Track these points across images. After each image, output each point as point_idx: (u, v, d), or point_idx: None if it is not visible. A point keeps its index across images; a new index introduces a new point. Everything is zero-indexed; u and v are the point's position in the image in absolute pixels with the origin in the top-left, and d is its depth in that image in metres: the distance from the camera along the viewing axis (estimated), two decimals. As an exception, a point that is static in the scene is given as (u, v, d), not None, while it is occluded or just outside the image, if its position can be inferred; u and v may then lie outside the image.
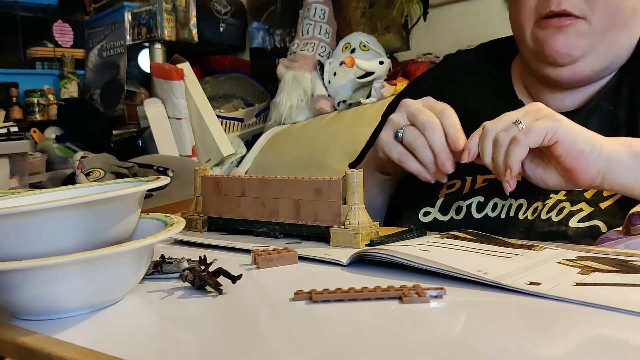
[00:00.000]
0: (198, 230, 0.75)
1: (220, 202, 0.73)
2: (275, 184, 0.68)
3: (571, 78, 0.79)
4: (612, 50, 0.78)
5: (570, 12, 0.75)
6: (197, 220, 0.75)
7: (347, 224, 0.61)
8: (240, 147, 2.30)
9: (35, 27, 2.75)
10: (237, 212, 0.72)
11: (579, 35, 0.76)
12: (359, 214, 0.61)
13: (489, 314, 0.43)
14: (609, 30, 0.76)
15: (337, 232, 0.62)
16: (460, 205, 0.79)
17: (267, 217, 0.69)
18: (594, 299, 0.43)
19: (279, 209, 0.68)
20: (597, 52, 0.77)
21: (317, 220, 0.65)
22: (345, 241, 0.61)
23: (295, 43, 2.30)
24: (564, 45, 0.76)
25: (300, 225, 0.66)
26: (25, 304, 0.44)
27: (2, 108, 2.51)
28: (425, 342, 0.38)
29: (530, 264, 0.53)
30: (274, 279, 0.54)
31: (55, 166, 2.27)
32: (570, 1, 0.75)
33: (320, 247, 0.63)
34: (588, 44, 0.76)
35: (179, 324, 0.43)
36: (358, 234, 0.60)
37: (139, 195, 0.50)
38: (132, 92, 2.54)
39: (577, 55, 0.77)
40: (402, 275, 0.52)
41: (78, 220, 0.44)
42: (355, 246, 0.60)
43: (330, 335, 0.40)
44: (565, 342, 0.37)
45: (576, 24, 0.76)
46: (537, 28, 0.79)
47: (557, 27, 0.76)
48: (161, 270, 0.55)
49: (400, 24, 2.16)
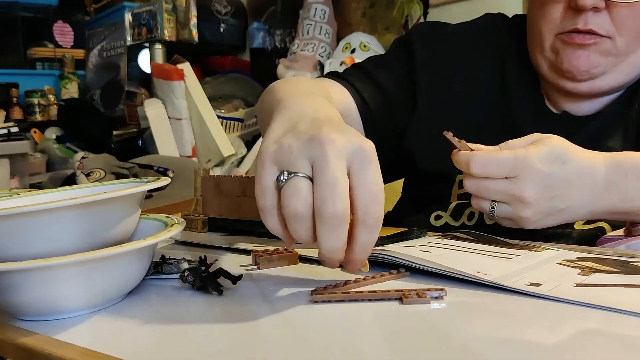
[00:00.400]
0: (198, 230, 0.75)
1: (221, 202, 0.73)
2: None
3: (588, 92, 0.77)
4: (635, 67, 0.76)
5: (597, 32, 0.73)
6: (198, 220, 0.75)
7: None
8: (241, 148, 2.30)
9: (35, 27, 2.75)
10: (238, 212, 0.72)
11: (602, 54, 0.74)
12: None
13: (489, 314, 0.43)
14: (633, 49, 0.74)
15: None
16: (473, 212, 0.78)
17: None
18: (594, 300, 0.43)
19: None
20: (618, 69, 0.75)
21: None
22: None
23: (296, 43, 2.30)
24: (585, 63, 0.74)
25: None
26: (25, 304, 0.44)
27: (3, 108, 2.52)
28: (426, 343, 0.38)
29: (530, 265, 0.53)
30: (274, 280, 0.54)
31: (55, 167, 2.27)
32: (597, 21, 0.72)
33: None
34: (610, 63, 0.74)
35: (180, 324, 0.43)
36: None
37: (140, 196, 0.50)
38: (132, 92, 2.55)
39: (598, 73, 0.75)
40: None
41: (78, 221, 0.44)
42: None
43: (330, 336, 0.40)
44: (565, 344, 0.37)
45: (600, 44, 0.73)
46: (558, 41, 0.76)
47: (580, 44, 0.74)
48: (161, 271, 0.55)
49: (400, 24, 2.16)
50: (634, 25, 0.73)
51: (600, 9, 0.72)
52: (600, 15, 0.72)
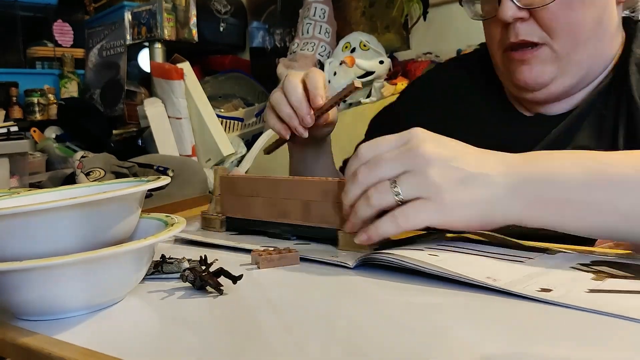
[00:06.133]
0: (217, 230, 0.75)
1: (236, 202, 0.73)
2: (285, 184, 0.67)
3: (546, 99, 0.79)
4: (584, 65, 0.76)
5: (530, 40, 0.74)
6: (216, 220, 0.75)
7: None
8: (241, 147, 2.30)
9: (35, 26, 2.75)
10: (251, 212, 0.72)
11: (544, 63, 0.75)
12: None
13: (498, 319, 0.42)
14: (574, 49, 0.75)
15: (345, 235, 0.60)
16: None
17: (278, 218, 0.68)
18: (606, 307, 0.41)
19: (289, 210, 0.67)
20: (567, 71, 0.76)
21: (325, 222, 0.63)
22: (353, 245, 0.59)
23: (296, 43, 2.30)
24: (530, 76, 0.76)
25: (310, 227, 0.65)
26: (25, 304, 0.44)
27: (2, 108, 2.51)
28: (430, 345, 0.38)
29: (542, 269, 0.51)
30: (274, 280, 0.54)
31: (55, 166, 2.27)
32: (526, 30, 0.74)
33: (328, 249, 0.62)
34: (555, 68, 0.75)
35: (180, 324, 0.43)
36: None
37: (140, 195, 0.50)
38: (132, 91, 2.54)
39: (547, 81, 0.76)
40: (410, 279, 0.51)
41: (79, 221, 0.44)
42: (363, 250, 0.59)
43: (331, 336, 0.40)
44: (576, 353, 0.36)
45: (539, 54, 0.75)
46: (505, 58, 0.78)
47: (520, 60, 0.76)
48: (162, 271, 0.55)
49: (400, 24, 2.16)
50: (562, 25, 0.73)
51: (526, 18, 0.74)
52: (528, 24, 0.74)
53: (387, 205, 0.54)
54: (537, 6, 0.73)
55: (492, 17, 0.77)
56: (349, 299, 0.48)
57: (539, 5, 0.73)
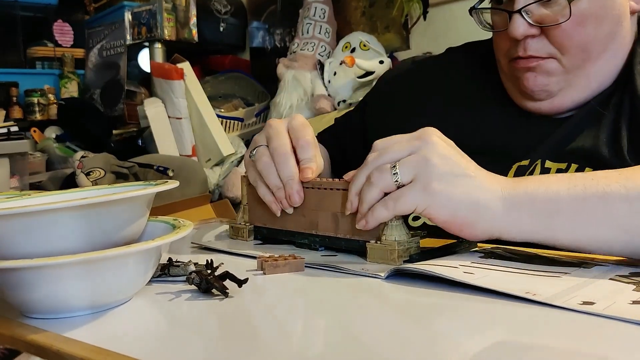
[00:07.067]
0: (244, 239, 0.74)
1: (263, 211, 0.71)
2: (314, 194, 0.66)
3: (550, 111, 0.77)
4: (594, 79, 0.75)
5: (538, 55, 0.73)
6: (244, 229, 0.74)
7: (384, 239, 0.59)
8: (241, 147, 2.30)
9: (35, 26, 2.75)
10: (279, 222, 0.70)
11: (549, 74, 0.74)
12: (396, 230, 0.58)
13: (540, 333, 0.41)
14: (585, 63, 0.73)
15: (374, 248, 0.59)
16: None
17: (308, 229, 0.67)
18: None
19: (319, 221, 0.66)
20: (575, 84, 0.75)
21: (355, 234, 0.62)
22: (382, 257, 0.58)
23: (296, 42, 2.30)
24: (534, 83, 0.74)
25: (340, 238, 0.64)
26: (34, 302, 0.44)
27: (2, 108, 2.51)
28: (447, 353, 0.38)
29: (581, 282, 0.50)
30: (279, 285, 0.54)
31: (55, 166, 2.27)
32: (536, 46, 0.73)
33: (357, 259, 0.61)
34: (562, 80, 0.74)
35: (185, 325, 0.44)
36: (395, 250, 0.58)
37: (148, 198, 0.50)
38: (132, 91, 2.55)
39: (554, 90, 0.75)
40: (444, 288, 0.50)
41: (88, 222, 0.45)
42: (392, 262, 0.58)
43: (332, 340, 0.40)
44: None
45: (544, 65, 0.73)
46: (511, 66, 0.77)
47: (525, 68, 0.75)
48: (168, 273, 0.55)
49: (400, 24, 2.16)
50: (573, 42, 0.72)
51: (536, 35, 0.73)
52: (538, 40, 0.73)
53: (387, 187, 0.57)
54: (549, 24, 0.71)
55: (502, 30, 0.76)
56: (354, 306, 0.48)
57: (551, 23, 0.71)
